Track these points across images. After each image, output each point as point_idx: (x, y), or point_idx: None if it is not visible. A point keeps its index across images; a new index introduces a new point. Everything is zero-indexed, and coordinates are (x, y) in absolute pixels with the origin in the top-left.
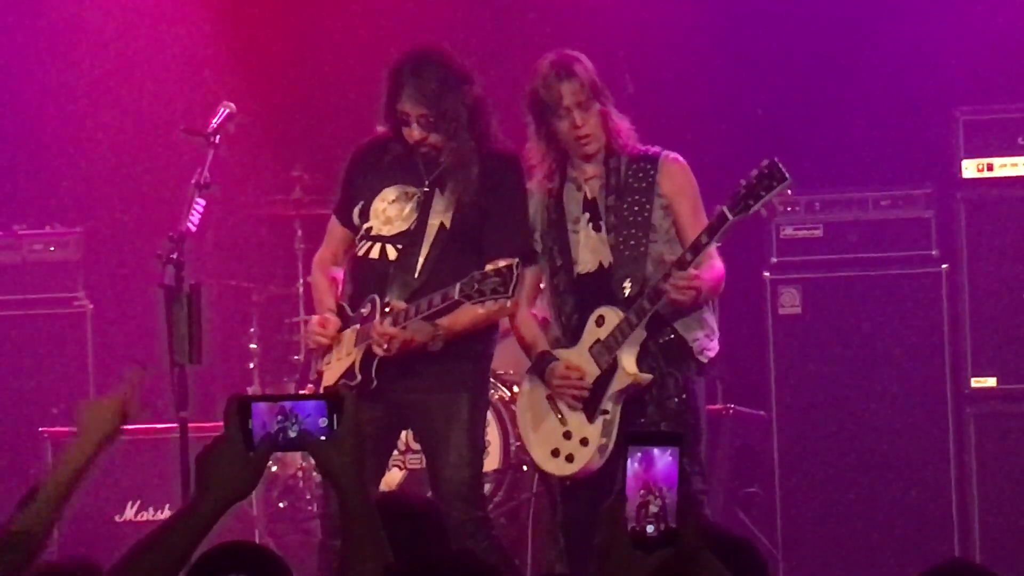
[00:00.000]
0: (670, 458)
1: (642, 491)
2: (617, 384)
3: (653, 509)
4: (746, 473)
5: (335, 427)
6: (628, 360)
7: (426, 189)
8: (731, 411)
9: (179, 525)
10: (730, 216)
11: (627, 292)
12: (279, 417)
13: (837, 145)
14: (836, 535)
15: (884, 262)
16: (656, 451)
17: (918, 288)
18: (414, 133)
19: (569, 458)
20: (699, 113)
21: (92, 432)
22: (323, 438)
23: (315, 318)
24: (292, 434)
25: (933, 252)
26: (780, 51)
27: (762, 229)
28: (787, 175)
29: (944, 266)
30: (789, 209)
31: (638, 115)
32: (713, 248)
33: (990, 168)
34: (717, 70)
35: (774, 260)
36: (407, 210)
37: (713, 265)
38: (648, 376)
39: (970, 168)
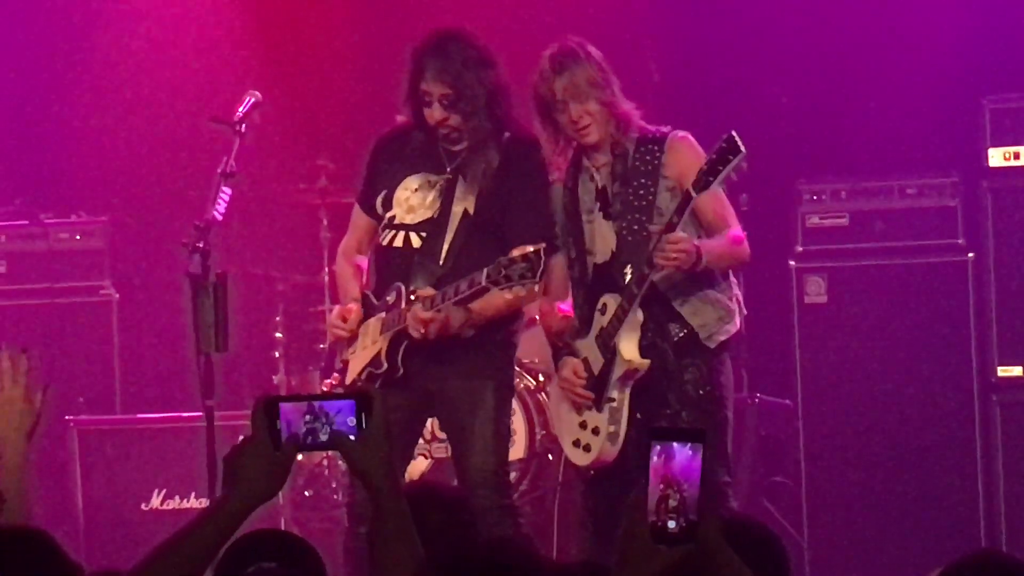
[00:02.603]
0: (690, 452)
1: (661, 485)
2: (617, 371)
3: (672, 503)
4: (771, 462)
5: (364, 426)
6: (625, 345)
7: (448, 176)
8: (756, 400)
9: (206, 524)
10: (693, 194)
11: (628, 278)
12: (307, 417)
13: (863, 134)
14: (862, 524)
15: (910, 251)
16: (676, 446)
17: (944, 277)
18: (435, 113)
19: (586, 448)
20: (724, 101)
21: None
22: (352, 437)
23: (336, 309)
24: (323, 437)
25: (959, 241)
26: (806, 39)
27: (787, 217)
28: (742, 148)
29: (970, 255)
30: (815, 198)
31: (662, 103)
32: (731, 217)
33: (1016, 156)
34: (743, 58)
35: (800, 249)
36: (430, 198)
37: (726, 234)
38: (646, 361)
39: (996, 156)
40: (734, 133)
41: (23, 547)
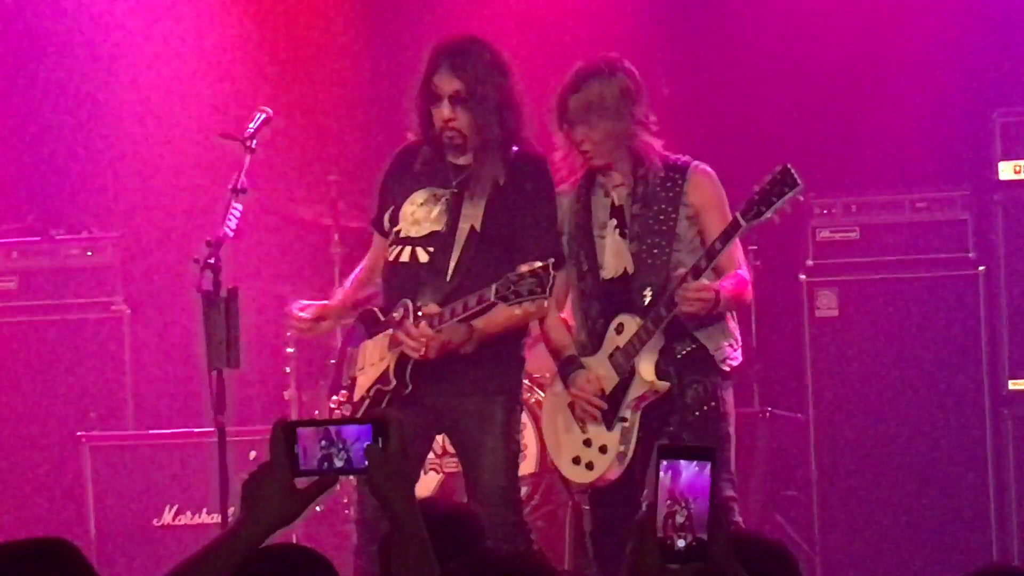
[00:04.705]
0: (697, 469)
1: (668, 501)
2: (634, 391)
3: (679, 519)
4: (783, 476)
5: (382, 450)
6: (645, 367)
7: (454, 190)
8: (768, 414)
9: (221, 548)
10: (743, 223)
11: (647, 300)
12: (323, 442)
13: (873, 147)
14: (874, 538)
15: (921, 264)
16: (683, 463)
17: (955, 290)
18: (443, 111)
19: (589, 465)
20: (734, 115)
21: None
22: (367, 463)
23: (298, 303)
24: (339, 463)
25: (970, 254)
26: (816, 53)
27: (798, 231)
28: (799, 181)
29: (981, 268)
30: (825, 212)
31: (672, 117)
32: (741, 257)
33: None
34: (753, 71)
35: (810, 263)
36: (435, 212)
37: (736, 275)
38: (665, 384)
39: (1007, 170)
40: (790, 165)
41: (50, 557)
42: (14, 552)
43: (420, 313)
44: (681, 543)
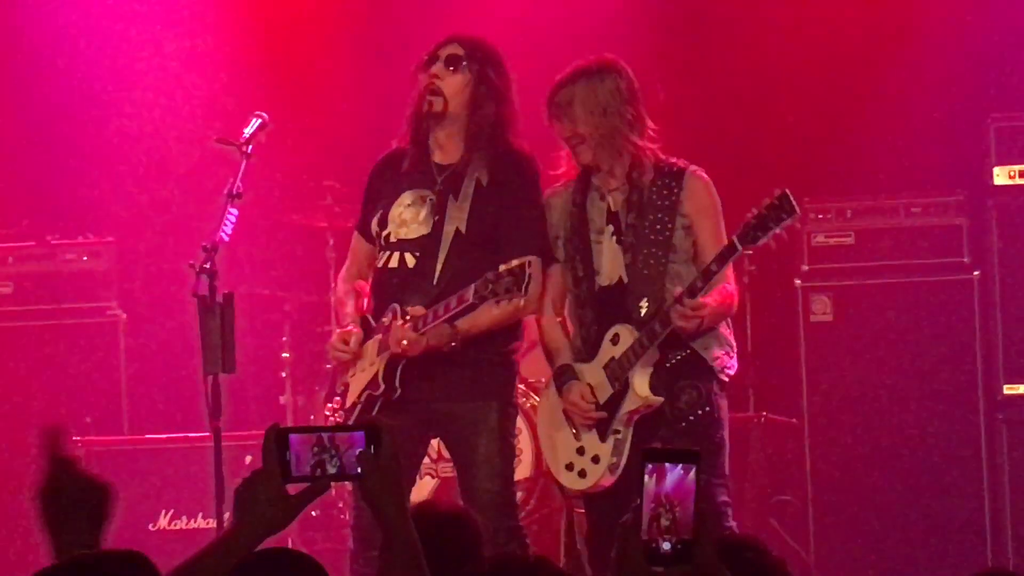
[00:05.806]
0: (682, 472)
1: (652, 504)
2: (628, 405)
3: (664, 522)
4: (778, 481)
5: (374, 457)
6: (640, 382)
7: (439, 189)
8: (763, 418)
9: (215, 554)
10: (739, 247)
11: (643, 312)
12: (315, 449)
13: (868, 153)
14: (868, 542)
15: (916, 269)
16: (668, 466)
17: (950, 295)
18: (432, 69)
19: (582, 473)
20: (730, 120)
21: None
22: (360, 470)
23: (336, 333)
24: (331, 469)
25: (965, 259)
26: (812, 58)
27: (794, 237)
28: (796, 208)
29: (976, 273)
30: (821, 217)
31: (668, 122)
32: (730, 271)
33: (1021, 175)
34: (748, 77)
35: (805, 268)
36: (423, 214)
37: (723, 288)
38: (659, 399)
39: (1001, 175)
40: (788, 192)
41: (127, 569)
42: (94, 564)
43: (407, 317)
44: (666, 546)
